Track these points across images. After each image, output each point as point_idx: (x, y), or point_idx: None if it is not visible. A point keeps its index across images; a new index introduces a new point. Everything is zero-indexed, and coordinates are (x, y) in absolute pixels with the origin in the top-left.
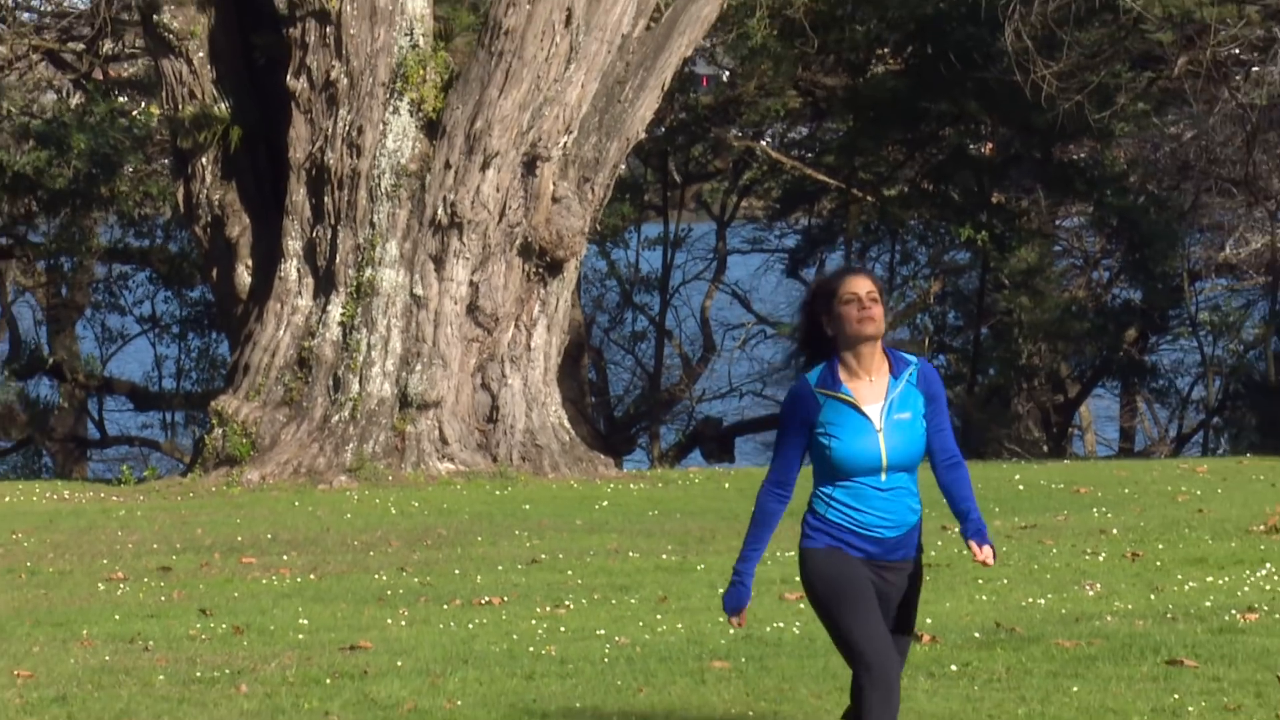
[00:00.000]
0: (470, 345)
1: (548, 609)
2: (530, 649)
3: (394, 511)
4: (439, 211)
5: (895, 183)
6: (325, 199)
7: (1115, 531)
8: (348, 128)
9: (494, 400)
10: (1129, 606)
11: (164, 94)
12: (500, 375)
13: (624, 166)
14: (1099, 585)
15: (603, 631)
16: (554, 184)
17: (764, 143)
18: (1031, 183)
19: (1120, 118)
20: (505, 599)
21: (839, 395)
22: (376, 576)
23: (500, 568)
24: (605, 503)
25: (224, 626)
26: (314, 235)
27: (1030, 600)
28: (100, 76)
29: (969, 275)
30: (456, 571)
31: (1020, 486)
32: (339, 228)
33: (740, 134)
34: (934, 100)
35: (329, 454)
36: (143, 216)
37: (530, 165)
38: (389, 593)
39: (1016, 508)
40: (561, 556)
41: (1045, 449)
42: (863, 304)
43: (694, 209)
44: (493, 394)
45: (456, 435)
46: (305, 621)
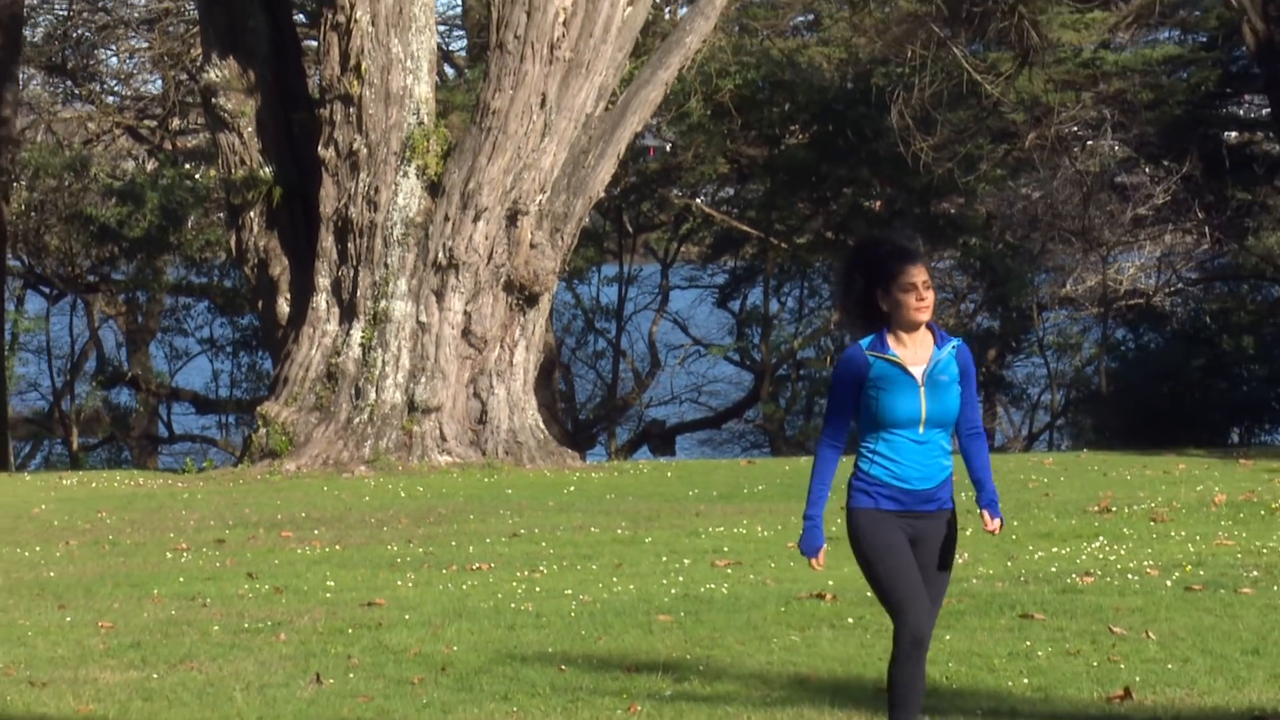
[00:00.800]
0: (464, 362)
1: (526, 573)
2: (512, 605)
3: (403, 495)
4: (439, 255)
5: (804, 232)
6: (348, 245)
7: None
8: (367, 188)
9: (483, 406)
10: (990, 572)
11: (220, 161)
12: (488, 386)
13: (587, 219)
14: (966, 555)
15: (570, 591)
16: (531, 233)
17: (699, 200)
18: (911, 232)
19: (982, 180)
20: (492, 565)
21: (887, 357)
22: (389, 547)
23: (488, 540)
24: (572, 488)
25: (267, 587)
26: (339, 274)
27: None
28: (169, 147)
29: None
30: (453, 543)
31: None
32: (359, 268)
33: (680, 193)
34: (834, 167)
35: (351, 449)
36: (203, 259)
37: (512, 218)
38: (399, 560)
39: None
40: (537, 531)
41: None
42: (920, 294)
43: (643, 253)
44: (482, 401)
45: (453, 434)
46: (332, 583)
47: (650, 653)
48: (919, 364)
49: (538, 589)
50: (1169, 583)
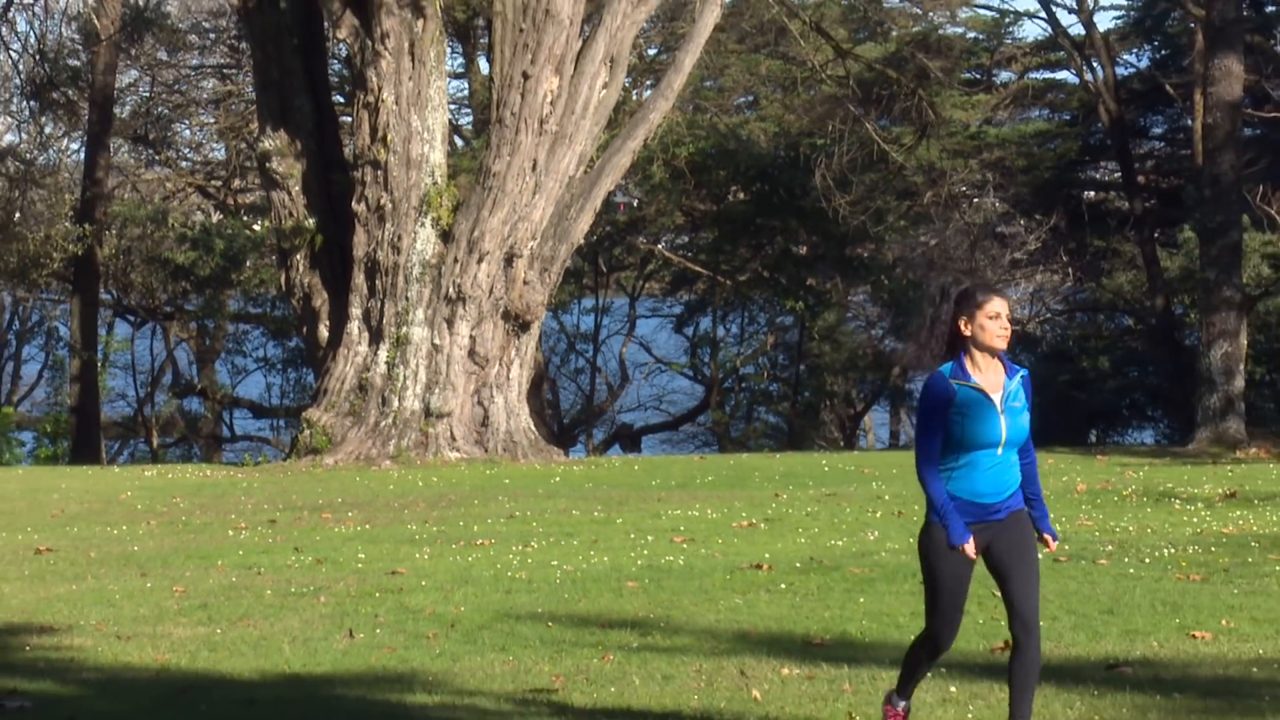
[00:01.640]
0: (470, 377)
1: (520, 548)
2: (508, 574)
3: (420, 484)
4: (450, 290)
5: (744, 272)
6: (376, 282)
7: (887, 498)
8: (391, 236)
9: (486, 412)
10: (896, 546)
11: (272, 214)
12: (490, 396)
13: (569, 261)
14: (877, 533)
15: (555, 562)
16: (524, 272)
17: (660, 246)
18: (832, 272)
19: (889, 230)
20: (492, 541)
21: (970, 384)
22: (408, 526)
23: (489, 520)
24: (557, 479)
25: (309, 559)
26: (369, 305)
27: (832, 542)
28: (231, 203)
29: (792, 331)
30: (460, 523)
31: (826, 468)
32: (385, 301)
33: (644, 240)
34: (769, 219)
35: (378, 447)
36: (258, 293)
37: (509, 260)
38: (416, 537)
39: (824, 482)
40: (529, 514)
41: (841, 445)
42: (1003, 323)
43: (614, 289)
44: (485, 408)
45: (461, 435)
46: (362, 556)
47: (620, 612)
48: (996, 390)
49: (529, 560)
50: (1040, 556)
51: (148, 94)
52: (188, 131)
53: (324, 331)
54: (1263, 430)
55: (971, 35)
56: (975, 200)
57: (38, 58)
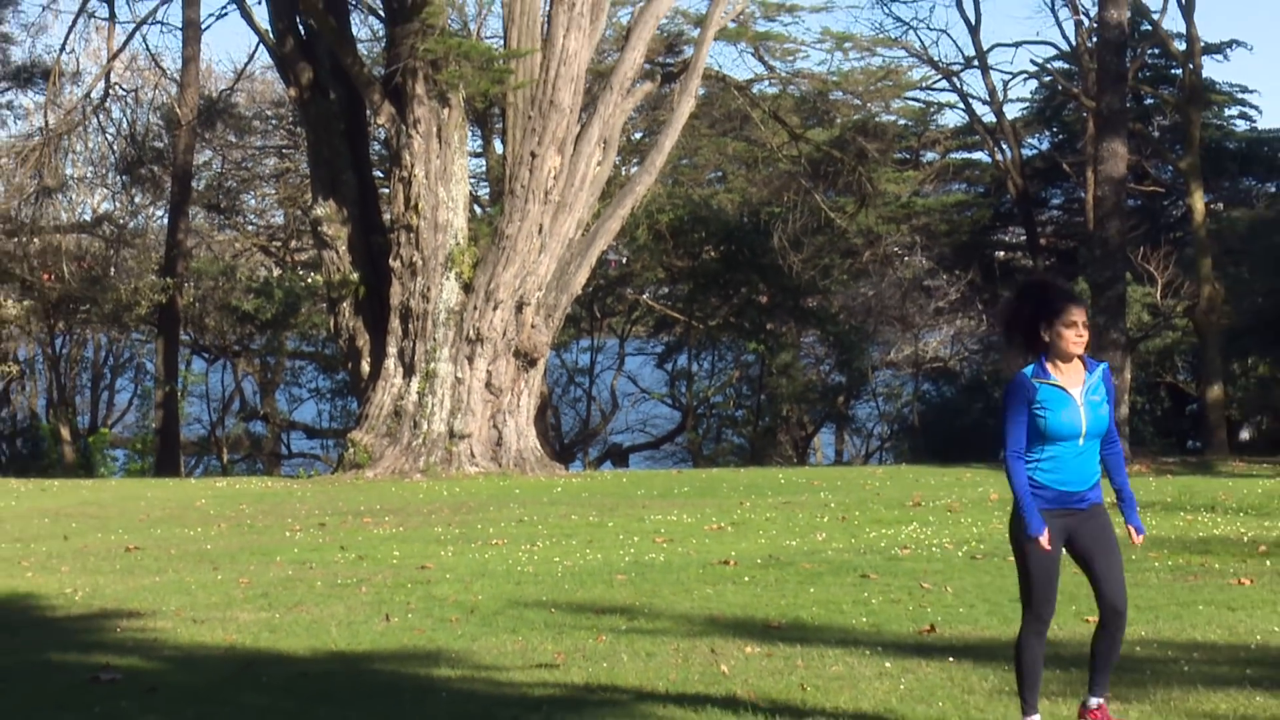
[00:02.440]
0: (487, 404)
1: (527, 546)
2: (519, 568)
3: (445, 494)
4: (470, 332)
5: (715, 317)
6: (409, 326)
7: (833, 505)
8: (422, 288)
9: (499, 434)
10: (841, 546)
11: (323, 269)
12: (503, 420)
13: (569, 309)
14: (824, 534)
15: (557, 559)
16: (532, 318)
17: (644, 296)
18: (787, 318)
19: (834, 283)
20: (505, 541)
21: (1050, 382)
22: (435, 529)
23: (503, 524)
24: (559, 489)
25: (353, 556)
26: (403, 345)
27: (788, 542)
28: (289, 260)
29: (754, 367)
30: (479, 526)
31: (782, 481)
32: (416, 341)
33: (632, 291)
34: (735, 274)
35: (411, 463)
36: (311, 335)
37: (519, 308)
38: (442, 537)
39: (781, 492)
40: (535, 518)
41: (795, 461)
42: (1080, 330)
43: (607, 332)
44: (499, 430)
45: (480, 453)
46: (397, 553)
47: (611, 600)
48: (1076, 385)
49: (536, 557)
50: (960, 553)
51: (220, 170)
52: (253, 201)
53: (366, 367)
54: (1142, 450)
55: (902, 122)
56: (906, 258)
57: (129, 140)
